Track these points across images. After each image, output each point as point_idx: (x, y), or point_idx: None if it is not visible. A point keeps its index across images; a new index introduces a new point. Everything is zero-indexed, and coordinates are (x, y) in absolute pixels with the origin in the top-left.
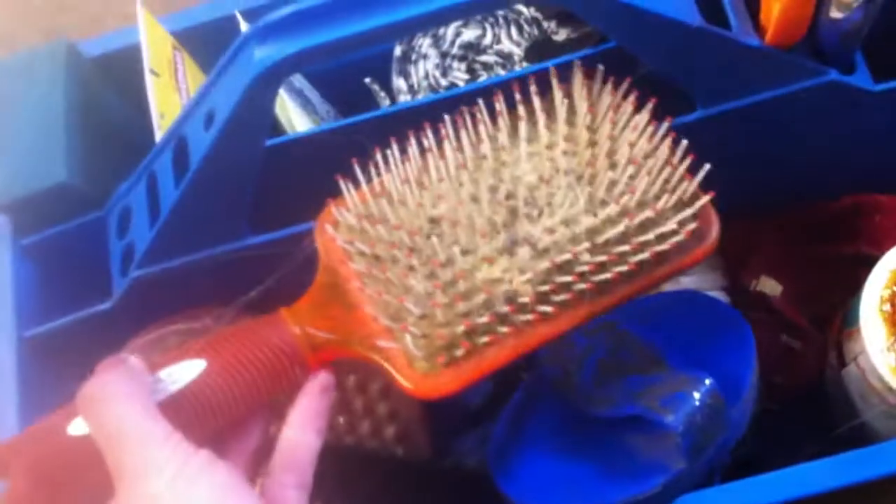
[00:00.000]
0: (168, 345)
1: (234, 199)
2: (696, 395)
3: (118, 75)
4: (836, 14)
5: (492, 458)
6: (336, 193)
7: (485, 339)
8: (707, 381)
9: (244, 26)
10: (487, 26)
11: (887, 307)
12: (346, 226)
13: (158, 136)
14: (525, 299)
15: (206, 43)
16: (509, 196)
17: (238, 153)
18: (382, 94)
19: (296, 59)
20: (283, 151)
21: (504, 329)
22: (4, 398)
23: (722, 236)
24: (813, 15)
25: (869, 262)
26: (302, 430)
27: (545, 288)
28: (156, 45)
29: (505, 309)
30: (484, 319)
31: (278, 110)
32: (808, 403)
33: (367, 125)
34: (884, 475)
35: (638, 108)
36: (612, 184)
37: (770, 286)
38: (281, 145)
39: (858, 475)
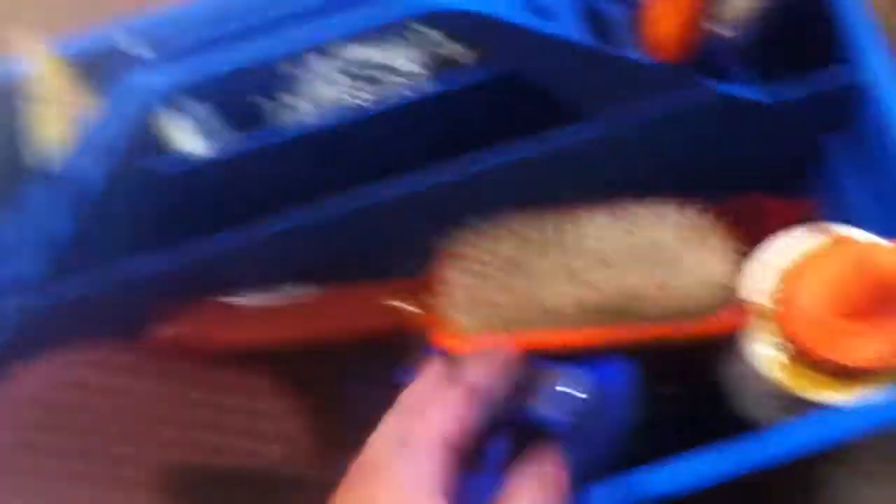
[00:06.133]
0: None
1: (124, 227)
2: (578, 389)
3: None
4: (722, 31)
5: None
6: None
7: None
8: (587, 376)
9: (131, 53)
10: (388, 45)
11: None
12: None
13: (43, 164)
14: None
15: (93, 70)
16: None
17: (126, 181)
18: (281, 108)
19: (179, 90)
20: (179, 175)
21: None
22: None
23: None
24: (700, 31)
25: None
26: None
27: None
28: (43, 72)
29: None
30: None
31: (167, 130)
32: (701, 393)
33: (270, 149)
34: (773, 461)
35: None
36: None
37: None
38: (175, 169)
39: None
